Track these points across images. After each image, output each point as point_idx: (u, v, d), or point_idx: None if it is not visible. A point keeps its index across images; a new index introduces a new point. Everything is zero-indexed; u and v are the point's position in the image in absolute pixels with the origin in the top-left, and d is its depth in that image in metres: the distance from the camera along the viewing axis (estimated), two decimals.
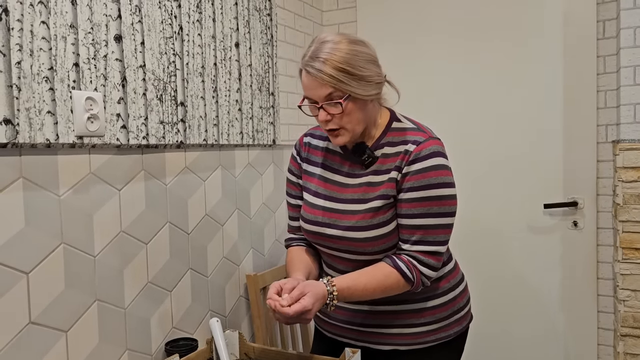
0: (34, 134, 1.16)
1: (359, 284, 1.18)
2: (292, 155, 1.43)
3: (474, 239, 2.33)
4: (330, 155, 1.33)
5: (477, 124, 2.33)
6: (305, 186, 1.37)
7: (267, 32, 2.06)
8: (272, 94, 2.09)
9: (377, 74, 1.19)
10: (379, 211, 1.22)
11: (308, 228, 1.33)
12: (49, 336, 1.22)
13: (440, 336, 1.31)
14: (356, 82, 1.14)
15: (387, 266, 1.20)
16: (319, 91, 1.15)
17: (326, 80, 1.12)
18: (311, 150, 1.37)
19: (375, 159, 1.24)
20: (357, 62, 1.14)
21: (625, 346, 1.95)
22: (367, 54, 1.17)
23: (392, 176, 1.21)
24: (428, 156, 1.18)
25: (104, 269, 1.36)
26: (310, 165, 1.36)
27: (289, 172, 1.43)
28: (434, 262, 1.21)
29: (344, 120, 1.18)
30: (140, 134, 1.45)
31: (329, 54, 1.13)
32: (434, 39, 2.40)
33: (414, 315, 1.30)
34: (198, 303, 1.71)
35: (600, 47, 2.12)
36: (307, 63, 1.15)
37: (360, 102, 1.17)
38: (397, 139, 1.24)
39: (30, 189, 1.18)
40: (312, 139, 1.39)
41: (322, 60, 1.12)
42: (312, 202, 1.32)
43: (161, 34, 1.52)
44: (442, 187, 1.19)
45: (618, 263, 1.95)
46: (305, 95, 1.20)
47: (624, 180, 1.92)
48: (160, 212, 1.55)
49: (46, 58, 1.19)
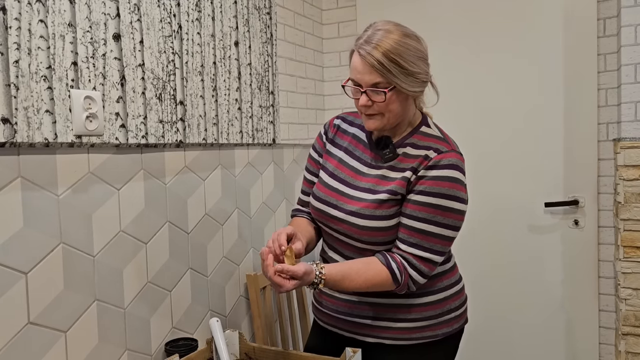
0: (32, 133, 1.15)
1: (347, 274, 1.20)
2: (319, 133, 1.46)
3: (474, 237, 2.32)
4: (355, 142, 1.35)
5: (477, 122, 2.33)
6: (324, 165, 1.39)
7: (267, 31, 2.05)
8: (271, 92, 2.08)
9: (425, 72, 1.20)
10: (384, 204, 1.23)
11: (315, 205, 1.35)
12: (48, 336, 1.21)
13: (426, 335, 1.30)
14: (404, 75, 1.16)
15: (378, 263, 1.21)
16: (366, 76, 1.17)
17: (376, 68, 1.14)
18: (339, 133, 1.39)
19: (396, 156, 1.26)
20: (408, 56, 1.16)
21: (626, 345, 1.95)
22: (419, 50, 1.19)
23: (406, 175, 1.22)
24: (447, 166, 1.19)
25: (104, 268, 1.36)
26: (334, 147, 1.39)
27: (312, 148, 1.46)
28: (425, 269, 1.22)
29: (384, 109, 1.20)
30: (140, 133, 1.44)
31: (382, 40, 1.15)
32: (434, 36, 2.39)
33: (401, 310, 1.30)
34: (198, 303, 1.71)
35: (601, 45, 2.12)
36: (360, 45, 1.17)
37: (403, 95, 1.19)
38: (422, 142, 1.25)
39: (29, 188, 1.17)
40: (343, 123, 1.41)
41: (374, 45, 1.14)
42: (326, 182, 1.35)
43: (160, 33, 1.51)
44: (452, 200, 1.19)
45: (619, 262, 1.95)
46: (351, 77, 1.21)
47: (625, 178, 1.91)
48: (159, 211, 1.54)
49: (44, 57, 1.18)
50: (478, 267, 2.32)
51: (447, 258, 1.36)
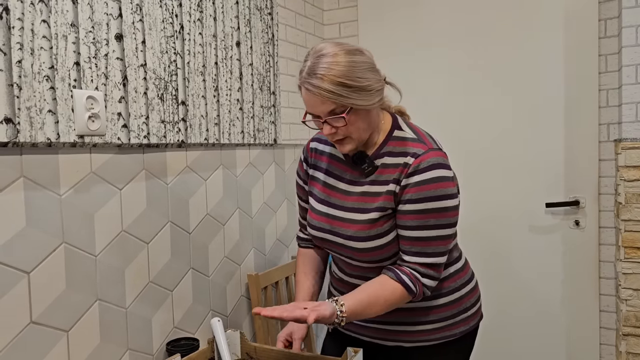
0: (35, 133, 1.16)
1: (367, 303, 1.16)
2: (300, 159, 1.43)
3: (475, 238, 2.32)
4: (334, 162, 1.33)
5: (478, 123, 2.33)
6: (311, 191, 1.37)
7: (268, 31, 2.05)
8: (273, 93, 2.08)
9: (377, 80, 1.17)
10: (376, 223, 1.21)
11: (314, 233, 1.34)
12: (50, 336, 1.21)
13: (445, 334, 1.31)
14: (357, 93, 1.12)
15: (391, 281, 1.19)
16: (320, 107, 1.14)
17: (326, 97, 1.11)
18: (317, 156, 1.37)
19: (375, 169, 1.24)
20: (356, 74, 1.11)
21: (627, 345, 1.95)
22: (365, 63, 1.14)
23: (390, 189, 1.20)
24: (427, 169, 1.17)
25: (105, 268, 1.36)
26: (317, 171, 1.36)
27: (297, 175, 1.44)
28: (434, 273, 1.21)
29: (349, 130, 1.17)
30: (142, 133, 1.44)
31: (326, 69, 1.10)
32: (435, 36, 2.39)
33: (419, 314, 1.30)
34: (199, 303, 1.71)
35: (602, 46, 2.12)
36: (305, 80, 1.13)
37: (363, 112, 1.16)
38: (397, 149, 1.23)
39: (31, 188, 1.17)
40: (319, 144, 1.38)
41: (319, 77, 1.10)
42: (317, 209, 1.33)
43: (162, 33, 1.51)
44: (441, 200, 1.17)
45: (620, 262, 1.95)
46: (308, 111, 1.19)
47: (626, 179, 1.91)
48: (161, 211, 1.54)
49: (47, 57, 1.18)
50: (478, 267, 2.31)
51: (457, 257, 1.35)
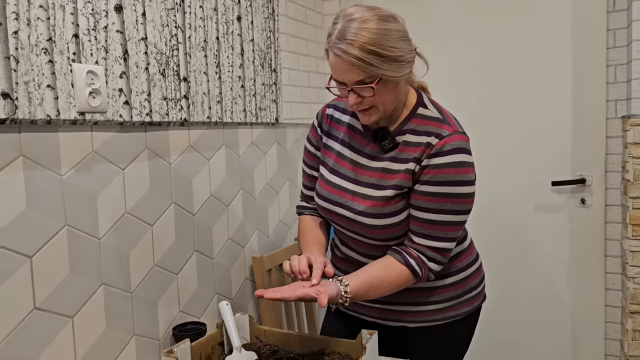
0: (34, 109, 1.09)
1: (370, 284, 1.14)
2: (312, 125, 1.37)
3: (481, 217, 2.29)
4: (352, 133, 1.27)
5: (484, 101, 2.28)
6: (323, 160, 1.32)
7: (269, 6, 1.98)
8: (274, 70, 2.01)
9: (409, 50, 1.10)
10: (391, 200, 1.18)
11: (322, 204, 1.29)
12: (54, 322, 1.16)
13: (449, 315, 1.30)
14: (388, 63, 1.06)
15: (397, 264, 1.17)
16: (348, 75, 1.07)
17: (356, 65, 1.04)
18: (333, 124, 1.31)
19: (396, 146, 1.18)
20: (389, 42, 1.05)
21: (634, 323, 1.94)
22: (398, 31, 1.08)
23: (409, 167, 1.16)
24: (450, 152, 1.12)
25: (110, 251, 1.30)
26: (331, 140, 1.31)
27: (307, 140, 1.37)
28: (441, 258, 1.19)
29: (375, 100, 1.11)
30: (144, 111, 1.38)
31: (356, 34, 1.03)
32: (442, 23, 2.33)
33: (423, 294, 1.28)
34: (204, 286, 1.66)
35: (611, 20, 2.07)
36: (334, 44, 1.06)
37: (392, 83, 1.11)
38: (421, 127, 1.17)
39: (31, 168, 1.11)
40: (335, 112, 1.32)
41: (350, 42, 1.03)
42: (328, 179, 1.28)
43: (162, 5, 1.44)
44: (460, 185, 1.14)
45: (627, 240, 1.93)
46: (333, 78, 1.12)
47: (634, 156, 1.88)
48: (165, 192, 1.49)
49: (44, 28, 1.11)
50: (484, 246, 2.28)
51: (462, 237, 1.33)
